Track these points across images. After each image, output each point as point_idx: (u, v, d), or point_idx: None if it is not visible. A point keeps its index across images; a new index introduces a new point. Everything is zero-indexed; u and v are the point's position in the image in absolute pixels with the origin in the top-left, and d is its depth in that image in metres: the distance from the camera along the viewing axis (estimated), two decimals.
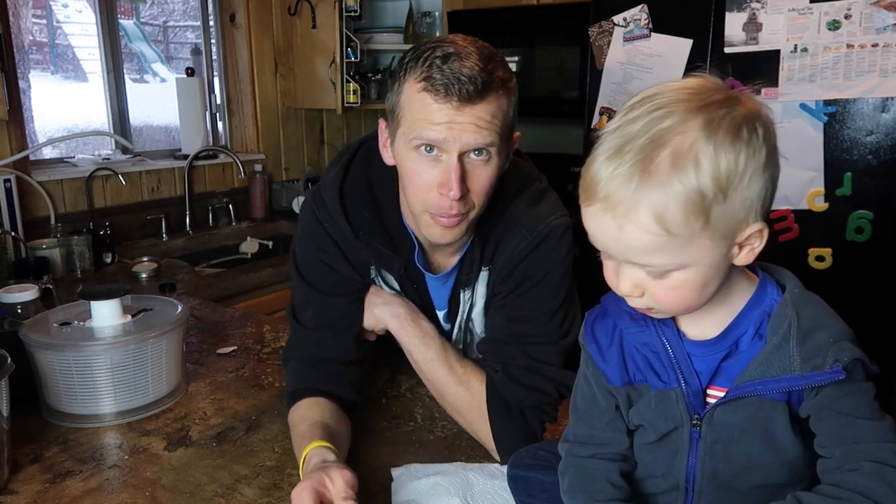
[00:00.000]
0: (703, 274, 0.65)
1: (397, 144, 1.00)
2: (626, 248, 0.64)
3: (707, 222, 0.61)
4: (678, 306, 0.68)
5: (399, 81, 0.98)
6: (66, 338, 1.19)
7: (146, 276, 2.20)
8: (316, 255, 1.15)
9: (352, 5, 2.88)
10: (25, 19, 2.57)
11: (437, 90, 0.92)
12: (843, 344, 0.65)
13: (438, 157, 0.96)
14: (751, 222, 0.64)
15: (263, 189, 3.05)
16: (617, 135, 0.63)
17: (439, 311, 1.20)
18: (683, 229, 0.61)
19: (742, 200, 0.62)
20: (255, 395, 1.32)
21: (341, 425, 1.07)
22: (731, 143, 0.61)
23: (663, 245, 0.62)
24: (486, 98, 0.93)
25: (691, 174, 0.60)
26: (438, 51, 0.93)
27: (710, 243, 0.63)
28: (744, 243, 0.65)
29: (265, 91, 3.14)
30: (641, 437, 0.78)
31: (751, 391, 0.68)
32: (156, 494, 1.00)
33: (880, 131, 1.90)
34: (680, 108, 0.62)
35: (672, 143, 0.61)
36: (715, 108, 0.62)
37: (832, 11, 1.90)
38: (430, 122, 0.93)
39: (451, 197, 0.95)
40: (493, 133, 0.95)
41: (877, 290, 1.96)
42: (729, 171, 0.61)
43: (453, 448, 1.11)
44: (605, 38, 2.31)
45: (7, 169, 2.20)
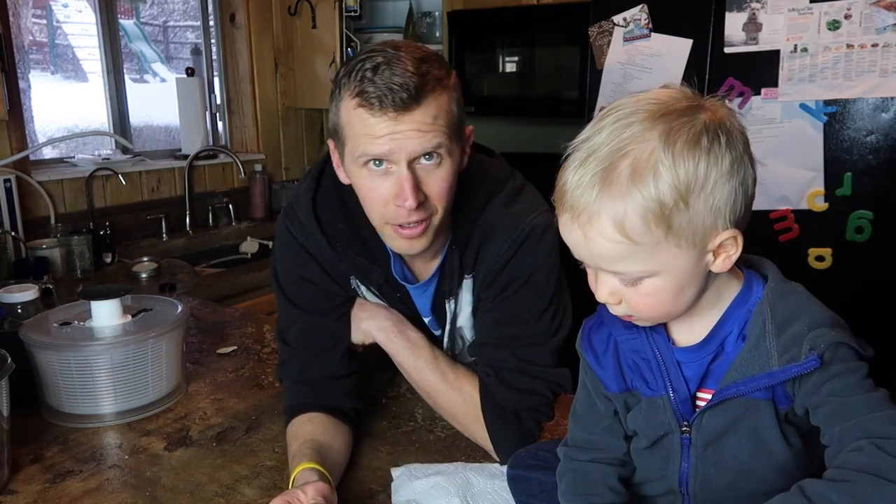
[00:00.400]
0: (675, 281, 0.65)
1: (347, 163, 0.99)
2: (594, 255, 0.66)
3: (670, 230, 0.62)
4: (654, 313, 0.69)
5: (336, 99, 0.96)
6: (66, 338, 1.19)
7: (146, 276, 2.20)
8: (295, 271, 1.13)
9: (352, 5, 2.88)
10: (25, 19, 2.57)
11: (372, 104, 0.90)
12: (819, 331, 0.64)
13: (389, 170, 0.94)
14: (721, 229, 0.64)
15: (263, 189, 3.05)
16: (584, 146, 0.65)
17: (425, 317, 1.18)
18: (646, 237, 0.62)
19: (707, 208, 0.62)
20: (255, 395, 1.32)
21: (335, 438, 1.06)
22: (689, 151, 0.61)
23: (628, 253, 0.63)
24: (422, 102, 0.91)
25: (650, 184, 0.61)
26: (368, 62, 0.91)
27: (677, 250, 0.63)
28: (718, 251, 0.65)
29: (265, 91, 3.14)
30: (636, 442, 0.79)
31: (734, 392, 0.69)
32: (156, 494, 1.00)
33: (880, 131, 1.90)
34: (642, 117, 0.63)
35: (632, 154, 0.62)
36: (675, 118, 0.62)
37: (832, 11, 1.90)
38: (371, 136, 0.91)
39: (407, 207, 0.93)
40: (438, 134, 0.93)
41: (877, 290, 1.96)
42: (688, 179, 0.61)
43: (453, 448, 1.12)
44: (605, 38, 2.31)
45: (7, 169, 2.20)
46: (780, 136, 2.01)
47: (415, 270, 1.14)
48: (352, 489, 1.01)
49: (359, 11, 2.92)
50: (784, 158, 2.01)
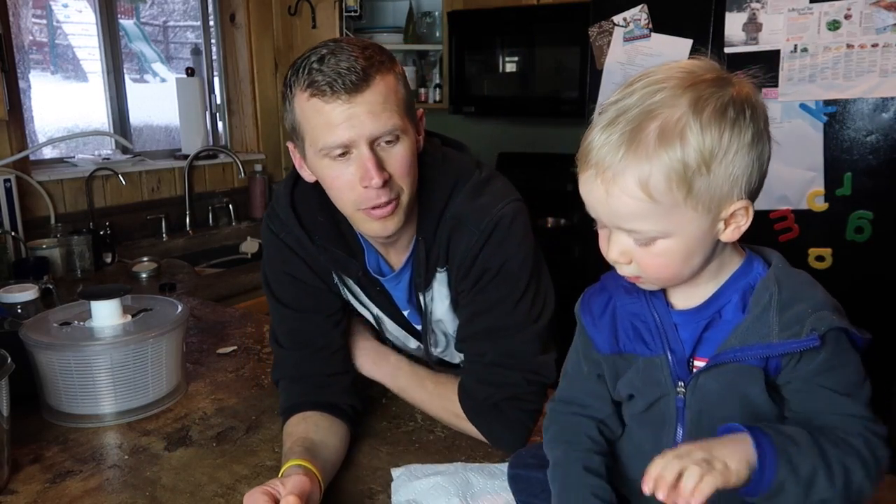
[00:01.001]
0: (686, 244, 0.68)
1: (309, 159, 1.00)
2: (613, 213, 0.68)
3: (690, 192, 0.65)
4: (662, 274, 0.71)
5: (289, 99, 0.98)
6: (66, 338, 1.19)
7: (146, 276, 2.20)
8: (279, 268, 1.15)
9: (352, 5, 2.88)
10: (25, 19, 2.57)
11: (324, 90, 0.92)
12: (822, 314, 0.67)
13: (350, 156, 0.96)
14: (735, 198, 0.67)
15: (263, 189, 3.06)
16: (613, 107, 0.67)
17: (404, 311, 1.19)
18: (666, 197, 0.65)
19: (726, 175, 0.65)
20: (255, 395, 1.32)
21: (329, 436, 1.06)
22: (717, 120, 0.64)
23: (648, 211, 0.66)
24: (371, 82, 0.93)
25: (676, 147, 0.64)
26: (313, 56, 0.94)
27: (693, 214, 0.66)
28: (729, 220, 0.68)
29: (265, 91, 3.14)
30: (631, 407, 0.80)
31: (731, 358, 0.71)
32: (156, 494, 1.00)
33: (880, 131, 1.90)
34: (672, 84, 0.66)
35: (661, 117, 0.64)
36: (705, 87, 0.65)
37: (832, 11, 1.90)
38: (329, 125, 0.93)
39: (374, 186, 0.95)
40: (391, 115, 0.95)
41: (877, 290, 1.96)
42: (713, 146, 0.64)
43: (453, 448, 1.12)
44: (605, 38, 2.31)
45: (7, 169, 2.20)
46: (780, 137, 1.99)
47: (390, 261, 1.15)
48: (352, 489, 1.01)
49: (359, 11, 2.92)
50: (784, 158, 2.01)
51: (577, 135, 0.71)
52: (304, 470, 0.94)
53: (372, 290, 1.16)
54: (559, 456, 0.82)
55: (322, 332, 1.15)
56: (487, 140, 3.28)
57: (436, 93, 3.31)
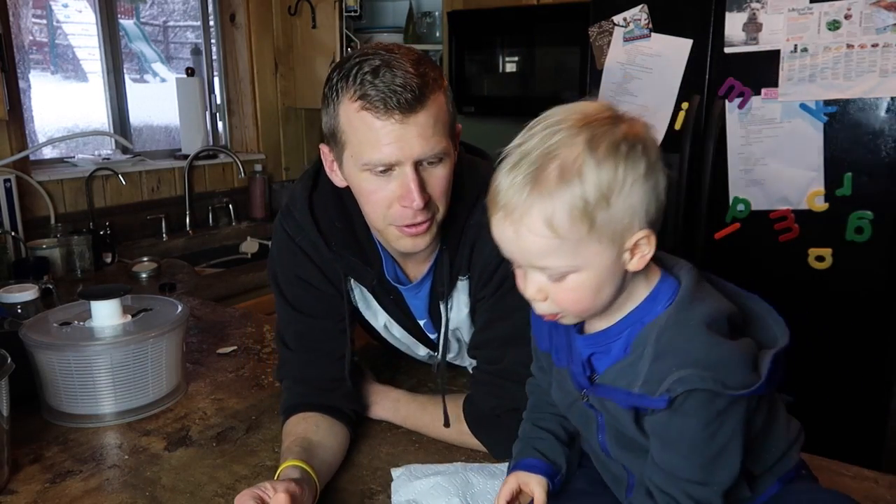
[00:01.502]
0: (596, 276, 0.71)
1: (347, 167, 0.98)
2: (524, 251, 0.71)
3: (592, 226, 0.68)
4: (577, 308, 0.74)
5: (333, 103, 0.95)
6: (66, 338, 1.19)
7: (146, 276, 2.20)
8: (291, 271, 1.13)
9: (352, 5, 2.88)
10: (25, 19, 2.57)
11: (377, 107, 0.90)
12: (684, 372, 0.67)
13: (392, 173, 0.94)
14: (636, 229, 0.70)
15: (263, 189, 3.06)
16: (516, 150, 0.71)
17: (420, 320, 1.18)
18: (571, 233, 0.68)
19: (625, 207, 0.69)
20: (255, 395, 1.32)
21: (328, 437, 1.06)
22: (611, 156, 0.68)
23: (556, 248, 0.69)
24: (426, 103, 0.91)
25: (576, 183, 0.67)
26: (366, 65, 0.91)
27: (598, 247, 0.69)
28: (633, 249, 0.71)
29: (265, 91, 3.14)
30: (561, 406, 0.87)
31: (601, 394, 0.76)
32: (156, 494, 1.00)
33: (880, 131, 1.90)
34: (569, 125, 0.70)
35: (560, 156, 0.68)
36: (598, 126, 0.69)
37: (832, 11, 1.90)
38: (377, 143, 0.91)
39: (414, 208, 0.94)
40: (441, 138, 0.93)
41: (877, 290, 1.96)
42: (610, 180, 0.68)
43: (453, 448, 1.12)
44: (605, 38, 2.31)
45: (7, 169, 2.20)
46: (780, 136, 2.01)
47: (407, 272, 1.14)
48: (352, 489, 1.01)
49: (359, 11, 2.92)
50: (784, 158, 2.01)
51: None
52: (300, 471, 0.93)
53: (385, 298, 1.15)
54: (524, 416, 0.95)
55: (330, 337, 1.14)
56: (487, 140, 3.25)
57: None
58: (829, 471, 1.03)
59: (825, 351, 2.04)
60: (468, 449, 1.10)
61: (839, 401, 2.06)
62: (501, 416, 1.06)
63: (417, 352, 1.26)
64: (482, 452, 1.09)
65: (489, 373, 1.07)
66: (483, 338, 1.09)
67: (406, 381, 1.34)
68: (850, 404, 2.04)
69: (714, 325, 0.70)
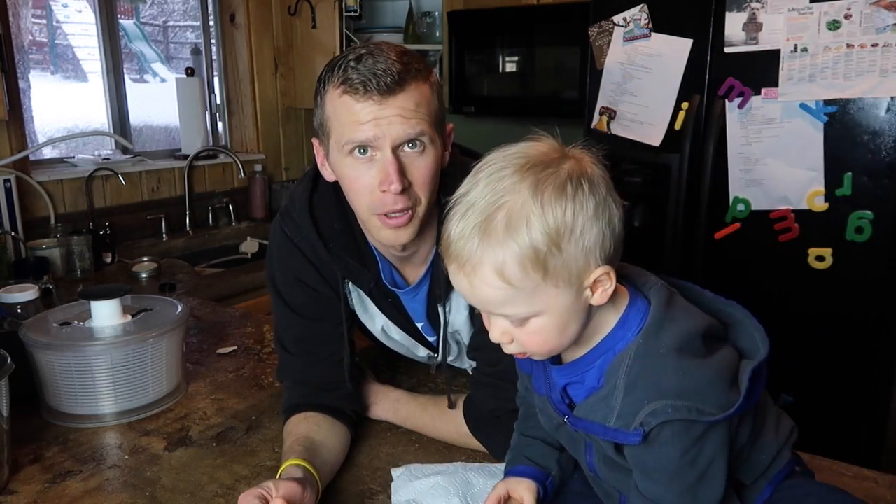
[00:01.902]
0: (558, 318, 0.70)
1: (332, 156, 1.00)
2: (481, 301, 0.70)
3: (546, 273, 0.66)
4: (543, 349, 0.73)
5: (320, 95, 0.98)
6: (66, 338, 1.19)
7: (146, 276, 2.20)
8: (291, 273, 1.13)
9: (352, 5, 2.88)
10: (25, 19, 2.57)
11: (357, 89, 0.92)
12: (656, 405, 0.66)
13: (373, 157, 0.95)
14: (593, 267, 0.68)
15: (263, 189, 3.05)
16: (464, 199, 0.70)
17: (418, 323, 1.18)
18: (525, 281, 0.67)
19: (578, 249, 0.67)
20: (255, 395, 1.32)
21: (330, 437, 1.07)
22: (556, 199, 0.66)
23: (511, 297, 0.68)
24: (406, 88, 0.93)
25: (523, 232, 0.65)
26: (351, 55, 0.94)
27: (556, 290, 0.68)
28: (594, 286, 0.69)
29: (265, 91, 3.14)
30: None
31: (579, 426, 0.75)
32: (156, 494, 1.00)
33: (880, 131, 1.90)
34: (512, 171, 0.68)
35: (506, 205, 0.67)
36: (542, 169, 0.67)
37: (832, 11, 1.90)
38: (356, 122, 0.93)
39: (392, 191, 0.94)
40: (420, 122, 0.94)
41: (877, 290, 1.96)
42: (558, 225, 0.66)
43: (453, 448, 1.12)
44: (605, 38, 2.31)
45: (7, 169, 2.20)
46: (780, 136, 2.01)
47: (405, 275, 1.14)
48: (352, 489, 1.01)
49: (359, 11, 2.92)
50: (784, 158, 2.01)
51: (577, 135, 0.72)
52: (302, 470, 0.94)
53: (383, 301, 1.15)
54: (514, 427, 0.95)
55: (329, 341, 1.13)
56: (487, 140, 3.25)
57: None
58: (829, 471, 1.03)
59: (825, 351, 2.04)
60: (468, 449, 1.10)
61: (839, 401, 2.06)
62: (502, 417, 1.06)
63: (417, 353, 1.26)
64: (482, 452, 1.09)
65: (489, 374, 1.07)
66: (482, 340, 1.08)
67: (406, 381, 1.34)
68: (850, 404, 2.04)
69: (686, 347, 0.68)
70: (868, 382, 2.01)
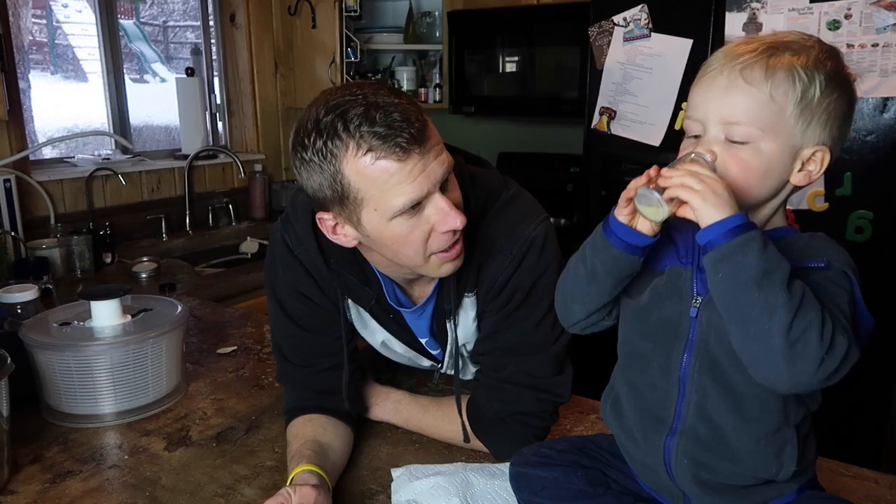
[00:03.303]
0: (767, 161, 0.74)
1: (369, 223, 0.92)
2: (726, 103, 0.74)
3: (797, 104, 0.73)
4: (739, 177, 0.74)
5: (329, 165, 0.88)
6: (66, 338, 1.19)
7: (146, 276, 2.20)
8: (291, 284, 1.10)
9: (352, 5, 2.88)
10: (25, 19, 2.57)
11: (394, 151, 0.85)
12: (839, 258, 0.76)
13: (423, 205, 0.91)
14: (818, 140, 0.74)
15: (263, 189, 3.05)
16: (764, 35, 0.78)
17: (422, 338, 1.16)
18: (782, 98, 0.73)
19: (826, 112, 0.74)
20: (255, 395, 1.32)
21: (336, 439, 1.07)
22: (843, 76, 0.75)
23: (761, 105, 0.73)
24: (426, 125, 0.88)
25: (809, 64, 0.73)
26: (352, 115, 0.85)
27: (787, 131, 0.74)
28: (806, 162, 0.75)
29: (265, 91, 3.14)
30: (642, 319, 0.82)
31: None
32: (156, 494, 1.00)
33: (880, 131, 1.90)
34: (804, 44, 0.77)
35: (802, 47, 0.75)
36: (832, 54, 0.76)
37: (832, 11, 1.90)
38: (407, 183, 0.87)
39: (459, 227, 0.92)
40: (444, 150, 0.92)
41: (877, 290, 1.96)
42: (832, 89, 0.74)
43: (453, 448, 1.12)
44: (605, 37, 2.31)
45: (7, 169, 2.20)
46: None
47: (412, 294, 1.12)
48: (352, 489, 1.01)
49: (359, 11, 2.92)
50: None
51: (577, 134, 0.72)
52: (316, 476, 0.94)
53: (384, 317, 1.13)
54: None
55: (329, 353, 1.12)
56: (487, 140, 3.28)
57: (436, 93, 3.31)
58: (830, 471, 1.04)
59: None
60: (468, 449, 1.10)
61: (839, 401, 2.05)
62: (506, 419, 1.06)
63: (421, 364, 1.25)
64: (482, 452, 1.09)
65: (494, 378, 1.07)
66: (487, 346, 1.09)
67: (406, 382, 1.34)
68: (850, 404, 2.04)
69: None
70: (868, 382, 2.01)
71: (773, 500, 0.80)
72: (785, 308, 0.65)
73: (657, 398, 0.81)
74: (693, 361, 0.78)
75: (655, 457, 0.81)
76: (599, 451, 0.93)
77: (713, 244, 0.69)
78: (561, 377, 1.07)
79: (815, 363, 0.66)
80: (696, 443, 0.78)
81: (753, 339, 0.67)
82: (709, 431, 0.77)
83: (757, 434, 0.75)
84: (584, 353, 1.28)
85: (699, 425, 0.77)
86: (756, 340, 0.67)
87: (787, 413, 0.76)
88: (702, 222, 0.70)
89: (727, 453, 0.77)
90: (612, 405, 0.88)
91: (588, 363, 1.29)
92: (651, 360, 0.82)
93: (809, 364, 0.66)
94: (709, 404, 0.77)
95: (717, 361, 0.76)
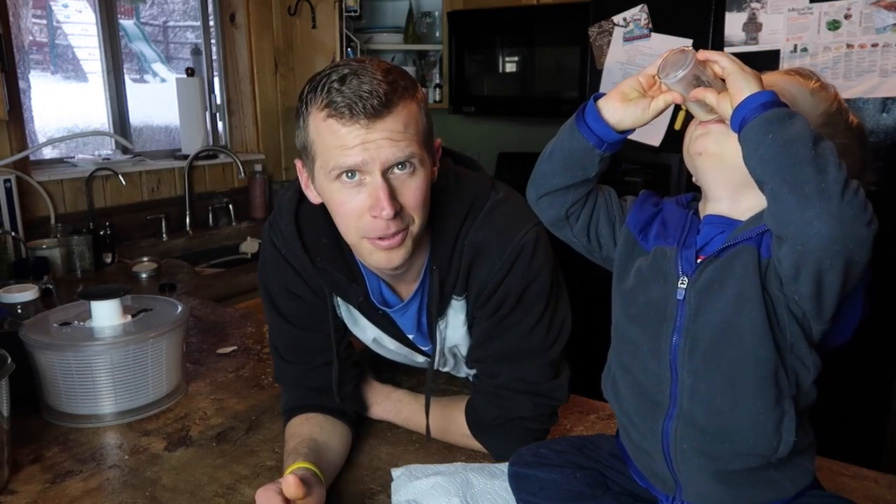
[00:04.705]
0: None
1: (318, 180, 0.96)
2: None
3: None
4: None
5: (303, 116, 0.93)
6: (66, 338, 1.19)
7: (146, 276, 2.20)
8: (282, 284, 1.11)
9: (352, 5, 2.88)
10: (25, 19, 2.57)
11: (342, 113, 0.88)
12: None
13: (362, 181, 0.91)
14: None
15: (263, 189, 3.06)
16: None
17: (409, 335, 1.16)
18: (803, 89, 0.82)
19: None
20: (255, 395, 1.32)
21: (333, 438, 1.07)
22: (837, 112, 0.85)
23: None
24: (393, 109, 0.89)
25: (820, 99, 0.84)
26: (334, 75, 0.89)
27: None
28: None
29: (265, 91, 3.14)
30: (629, 301, 0.83)
31: (740, 237, 0.76)
32: (156, 494, 1.00)
33: (880, 131, 1.90)
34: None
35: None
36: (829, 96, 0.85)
37: (832, 11, 1.90)
38: (343, 147, 0.89)
39: (384, 217, 0.91)
40: (410, 143, 0.90)
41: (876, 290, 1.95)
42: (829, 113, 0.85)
43: (453, 448, 1.12)
44: (605, 37, 2.31)
45: (7, 169, 2.20)
46: None
47: (397, 291, 1.11)
48: (352, 489, 1.01)
49: (359, 11, 2.92)
50: None
51: None
52: (311, 473, 0.93)
53: (373, 314, 1.12)
54: None
55: (323, 349, 1.12)
56: (487, 140, 3.28)
57: (436, 93, 3.31)
58: (829, 471, 1.04)
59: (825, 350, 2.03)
60: (468, 449, 1.10)
61: (839, 401, 2.05)
62: (504, 424, 1.07)
63: (415, 359, 1.25)
64: (482, 452, 1.09)
65: (490, 385, 1.07)
66: (481, 353, 1.08)
67: (406, 381, 1.34)
68: (850, 404, 2.04)
69: None
70: (868, 382, 2.01)
71: (773, 500, 0.80)
72: (836, 166, 0.69)
73: (651, 381, 0.81)
74: (683, 344, 0.77)
75: (654, 442, 0.81)
76: (598, 451, 0.93)
77: (766, 106, 0.71)
78: (557, 381, 1.06)
79: (865, 209, 0.73)
80: (693, 426, 0.78)
81: (807, 199, 0.68)
82: (705, 413, 0.77)
83: (754, 409, 0.75)
84: (584, 354, 1.28)
85: (695, 408, 0.76)
86: (811, 199, 0.68)
87: (779, 385, 0.75)
88: (741, 93, 0.73)
89: (725, 434, 0.76)
90: (612, 386, 0.88)
91: (587, 363, 1.29)
92: (640, 345, 0.82)
93: (860, 211, 0.72)
94: (702, 386, 0.76)
95: (708, 342, 0.76)
